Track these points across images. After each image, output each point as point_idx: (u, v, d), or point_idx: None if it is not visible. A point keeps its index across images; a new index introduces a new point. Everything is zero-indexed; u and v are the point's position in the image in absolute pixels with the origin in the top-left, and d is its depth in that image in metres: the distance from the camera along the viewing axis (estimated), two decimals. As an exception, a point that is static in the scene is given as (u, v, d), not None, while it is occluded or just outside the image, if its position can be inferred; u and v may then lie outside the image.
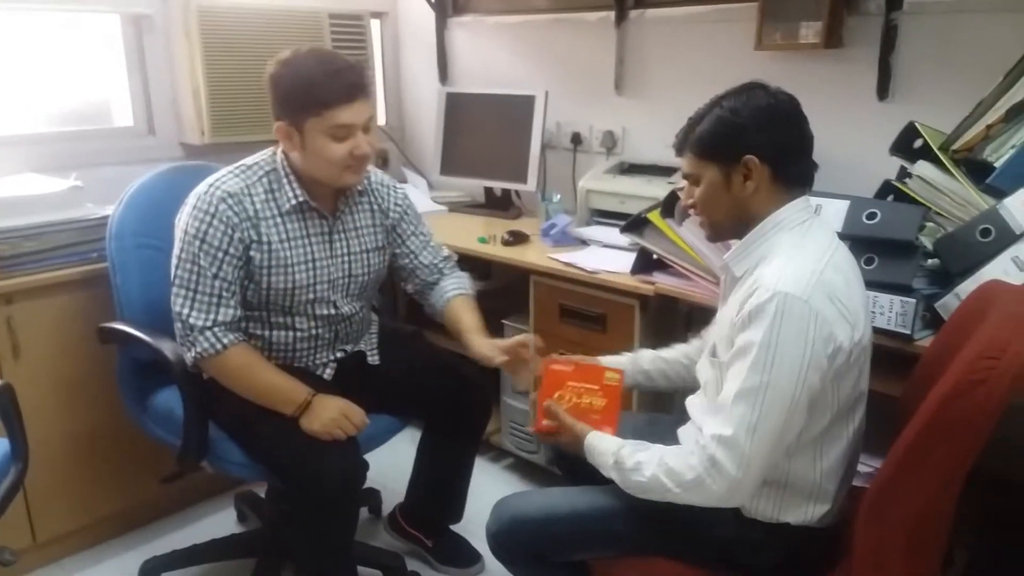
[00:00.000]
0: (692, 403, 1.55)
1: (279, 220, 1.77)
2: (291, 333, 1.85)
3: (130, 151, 2.57)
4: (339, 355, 1.93)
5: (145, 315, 1.92)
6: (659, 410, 2.09)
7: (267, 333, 1.84)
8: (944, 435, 1.13)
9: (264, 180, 1.77)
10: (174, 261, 1.73)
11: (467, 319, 1.92)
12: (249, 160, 1.81)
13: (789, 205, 1.35)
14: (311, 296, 1.82)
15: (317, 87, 1.67)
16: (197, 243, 1.70)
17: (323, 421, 1.69)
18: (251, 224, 1.74)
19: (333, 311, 1.87)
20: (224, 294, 1.72)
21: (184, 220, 1.72)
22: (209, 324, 1.70)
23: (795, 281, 1.24)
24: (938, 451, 1.14)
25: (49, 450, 2.08)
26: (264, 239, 1.75)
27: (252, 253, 1.74)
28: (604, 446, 1.42)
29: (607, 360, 1.70)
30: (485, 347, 1.82)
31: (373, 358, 2.00)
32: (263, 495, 2.19)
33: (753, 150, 1.32)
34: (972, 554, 1.59)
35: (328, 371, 1.90)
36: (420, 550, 2.17)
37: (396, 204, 1.99)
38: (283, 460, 1.72)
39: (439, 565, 2.14)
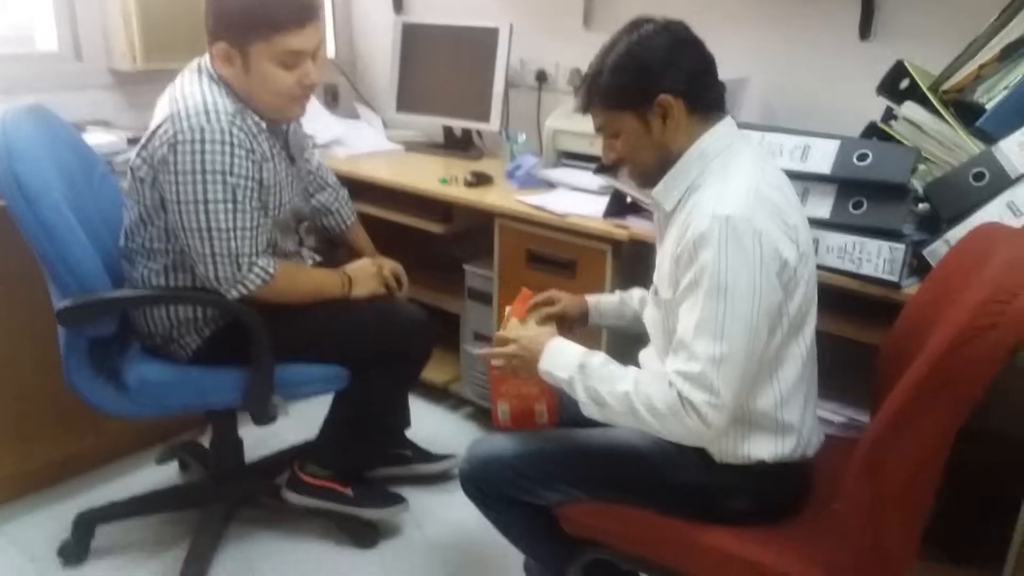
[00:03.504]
0: (646, 356, 1.50)
1: (263, 137, 1.67)
2: (287, 254, 1.83)
3: (55, 78, 2.35)
4: (309, 265, 1.94)
5: (97, 281, 1.63)
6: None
7: None
8: (948, 382, 1.07)
9: (231, 98, 1.63)
10: (196, 207, 1.56)
11: (368, 243, 2.11)
12: (191, 84, 1.62)
13: (710, 132, 1.31)
14: (298, 208, 1.84)
15: (266, 7, 1.55)
16: (225, 178, 1.57)
17: (370, 282, 1.83)
18: (257, 143, 1.63)
19: (299, 221, 1.90)
20: (260, 222, 1.65)
21: (192, 159, 1.55)
22: (255, 259, 1.64)
23: (734, 202, 1.21)
24: (941, 398, 1.09)
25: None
26: (267, 156, 1.67)
27: (264, 173, 1.65)
28: (572, 349, 1.35)
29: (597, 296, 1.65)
30: (388, 266, 1.96)
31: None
32: (207, 444, 2.06)
33: (664, 88, 1.27)
34: (942, 503, 1.59)
35: None
36: (337, 505, 1.93)
37: None
38: (369, 331, 1.78)
39: (365, 511, 1.96)
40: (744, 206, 1.20)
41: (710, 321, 1.19)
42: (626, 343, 2.04)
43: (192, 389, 1.76)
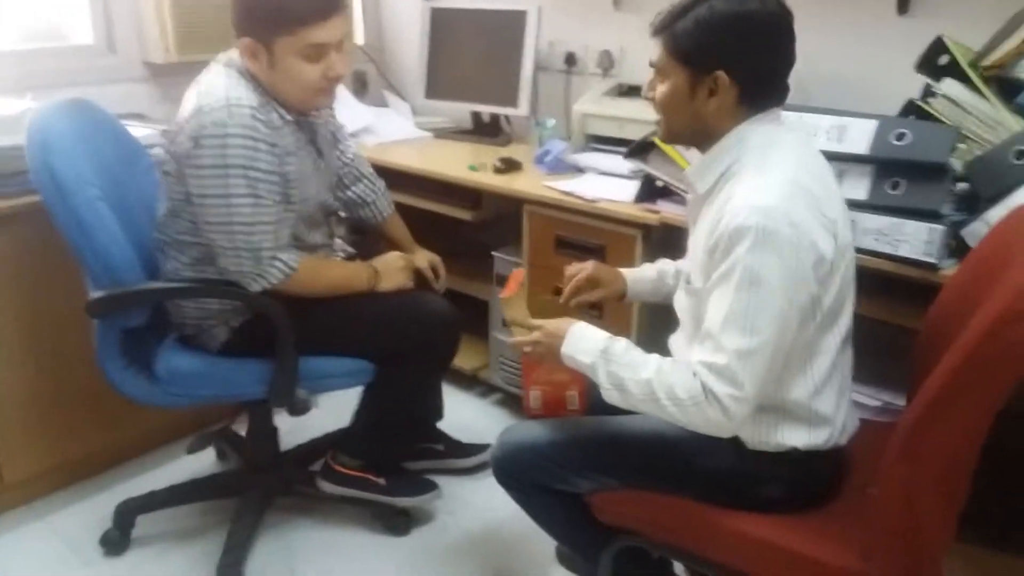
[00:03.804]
0: (676, 341, 1.48)
1: (287, 131, 1.67)
2: (315, 248, 1.82)
3: (90, 71, 2.39)
4: (340, 258, 1.94)
5: (130, 273, 1.67)
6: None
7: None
8: (988, 365, 1.05)
9: (257, 92, 1.63)
10: (218, 201, 1.58)
11: (406, 234, 2.09)
12: (217, 78, 1.63)
13: (755, 119, 1.27)
14: (325, 202, 1.83)
15: (289, 2, 1.54)
16: (247, 172, 1.57)
17: (398, 276, 1.83)
18: (279, 136, 1.63)
19: (328, 213, 1.89)
20: (282, 216, 1.66)
21: (216, 153, 1.56)
22: (276, 253, 1.65)
23: (772, 194, 1.17)
24: (980, 383, 1.07)
25: (15, 389, 1.97)
26: (291, 149, 1.67)
27: (288, 168, 1.65)
28: (594, 334, 1.34)
29: (632, 271, 1.63)
30: (425, 257, 2.02)
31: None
32: (243, 433, 2.09)
33: (726, 66, 1.22)
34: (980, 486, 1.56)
35: None
36: (369, 494, 1.95)
37: None
38: (395, 325, 1.77)
39: (397, 499, 1.98)
40: (782, 198, 1.17)
41: (739, 314, 1.17)
42: (656, 329, 2.04)
43: (220, 380, 1.78)
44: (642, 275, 1.63)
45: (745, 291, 1.16)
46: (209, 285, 1.73)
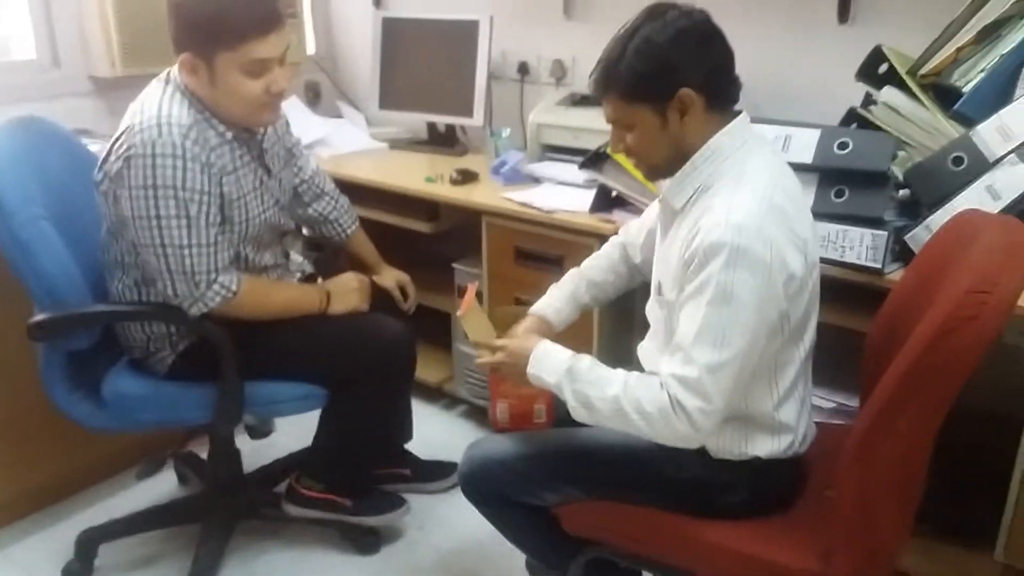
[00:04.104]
0: (645, 350, 1.50)
1: (226, 149, 1.64)
2: (265, 269, 1.79)
3: (34, 87, 2.34)
4: (296, 279, 1.92)
5: (74, 296, 1.64)
6: (619, 361, 2.04)
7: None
8: (933, 372, 1.10)
9: (193, 109, 1.61)
10: (148, 223, 1.54)
11: (372, 252, 2.07)
12: (153, 95, 1.61)
13: (723, 131, 1.28)
14: (273, 221, 1.78)
15: (229, 16, 1.52)
16: (176, 193, 1.53)
17: (350, 298, 1.79)
18: (216, 156, 1.60)
19: (284, 231, 1.86)
20: (219, 238, 1.62)
21: (144, 173, 1.52)
22: (214, 276, 1.60)
23: (746, 212, 1.19)
24: (927, 388, 1.11)
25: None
26: (229, 168, 1.63)
27: (225, 187, 1.62)
28: (559, 353, 1.35)
29: (543, 305, 1.61)
30: (393, 277, 2.02)
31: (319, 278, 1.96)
32: (204, 456, 2.07)
33: (687, 82, 1.23)
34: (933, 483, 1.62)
35: None
36: (336, 515, 1.93)
37: (281, 116, 1.88)
38: (344, 350, 1.73)
39: (365, 518, 1.97)
40: (756, 216, 1.19)
41: (711, 329, 1.19)
42: (618, 337, 2.07)
43: (164, 405, 1.75)
44: (559, 306, 1.61)
45: (717, 306, 1.18)
46: (149, 309, 1.70)
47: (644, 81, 1.24)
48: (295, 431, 2.04)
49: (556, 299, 1.63)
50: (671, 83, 1.23)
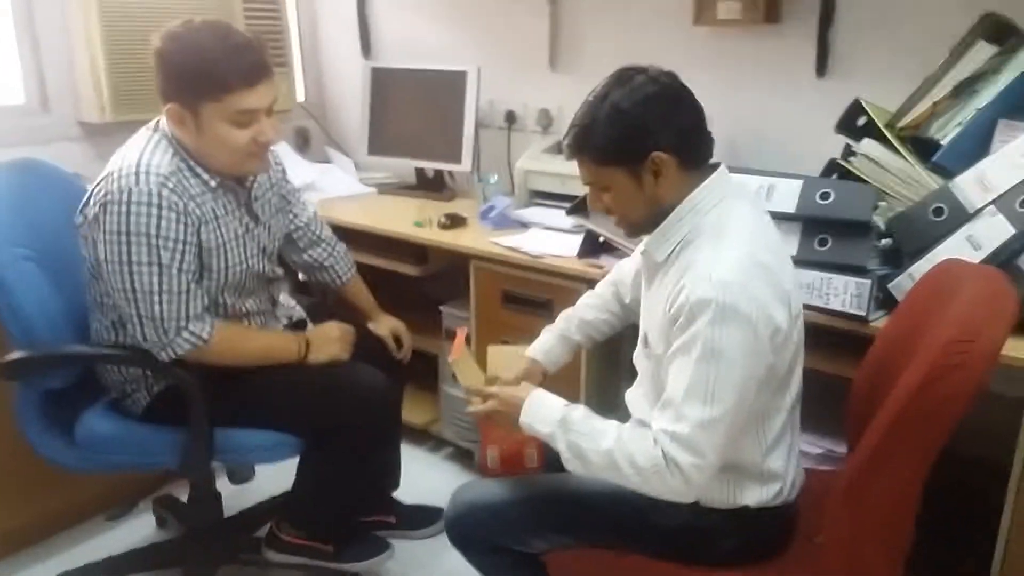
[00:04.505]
0: (633, 396, 1.51)
1: (209, 197, 1.64)
2: (248, 315, 1.78)
3: (22, 131, 2.33)
4: (283, 325, 1.91)
5: (50, 335, 1.66)
6: (606, 406, 2.05)
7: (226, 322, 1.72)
8: (920, 420, 1.12)
9: (177, 158, 1.62)
10: (121, 268, 1.55)
11: (368, 299, 2.08)
12: (138, 142, 1.63)
13: (702, 187, 1.30)
14: (257, 269, 1.76)
15: (215, 68, 1.53)
16: (150, 240, 1.53)
17: (330, 347, 1.77)
18: (196, 204, 1.60)
19: (271, 278, 1.84)
20: (192, 286, 1.60)
21: (119, 220, 1.53)
22: (184, 323, 1.59)
23: (730, 268, 1.21)
24: (914, 436, 1.13)
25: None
26: (209, 217, 1.63)
27: (203, 236, 1.62)
28: (552, 402, 1.36)
29: (535, 347, 1.63)
30: (387, 325, 2.02)
31: (308, 323, 1.95)
32: (184, 499, 2.03)
33: (657, 145, 1.26)
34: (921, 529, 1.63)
35: None
36: (317, 562, 1.89)
37: (276, 163, 1.89)
38: (319, 400, 1.71)
39: (347, 565, 1.93)
40: (740, 272, 1.20)
41: (700, 385, 1.19)
42: (606, 382, 2.08)
43: (135, 447, 1.73)
44: (548, 347, 1.64)
45: (706, 363, 1.19)
46: (120, 352, 1.69)
47: (615, 146, 1.27)
48: (277, 474, 1.99)
49: (546, 340, 1.65)
50: (642, 147, 1.26)
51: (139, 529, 2.18)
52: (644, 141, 1.25)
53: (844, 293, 1.58)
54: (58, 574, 1.88)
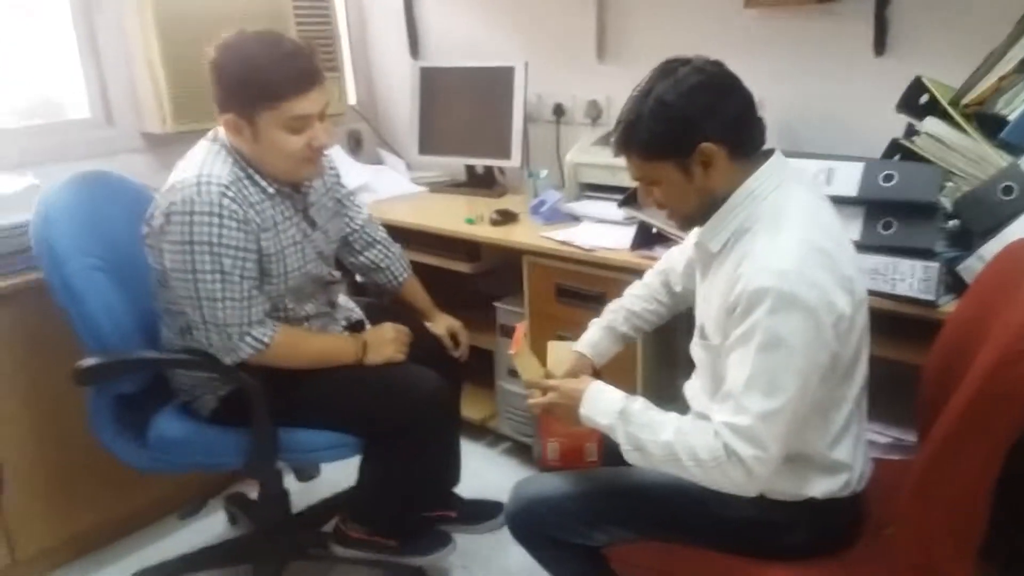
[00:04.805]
0: (691, 388, 1.49)
1: (268, 204, 1.68)
2: (307, 318, 1.81)
3: (88, 144, 2.42)
4: (342, 326, 1.92)
5: (121, 342, 1.72)
6: (663, 398, 2.03)
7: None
8: (994, 405, 1.08)
9: (236, 167, 1.66)
10: (186, 276, 1.60)
11: (424, 299, 2.10)
12: (198, 153, 1.68)
13: (757, 174, 1.27)
14: (315, 274, 1.80)
15: (268, 76, 1.56)
16: (212, 248, 1.58)
17: (386, 348, 1.79)
18: (255, 212, 1.64)
19: (329, 282, 1.87)
20: (254, 292, 1.65)
21: (182, 230, 1.58)
22: (247, 328, 1.64)
23: (788, 256, 1.19)
24: (988, 422, 1.09)
25: (22, 465, 1.97)
26: (268, 224, 1.67)
27: (263, 243, 1.66)
28: (612, 394, 1.35)
29: (586, 340, 1.62)
30: (444, 324, 2.05)
31: (367, 324, 1.97)
32: (254, 496, 2.08)
33: (705, 136, 1.23)
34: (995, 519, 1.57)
35: None
36: (383, 555, 1.93)
37: (331, 168, 1.92)
38: (374, 402, 1.73)
39: (411, 559, 1.95)
40: (798, 259, 1.18)
41: (761, 376, 1.18)
42: (662, 375, 2.06)
43: (203, 448, 1.77)
44: (596, 339, 1.62)
45: (766, 353, 1.17)
46: (186, 357, 1.73)
47: (662, 140, 1.25)
48: (342, 471, 2.04)
49: (593, 333, 1.64)
50: (689, 139, 1.24)
51: (211, 527, 2.24)
52: (691, 133, 1.24)
53: (911, 277, 1.53)
54: (134, 572, 1.95)
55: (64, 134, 2.41)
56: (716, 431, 1.21)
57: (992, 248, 1.46)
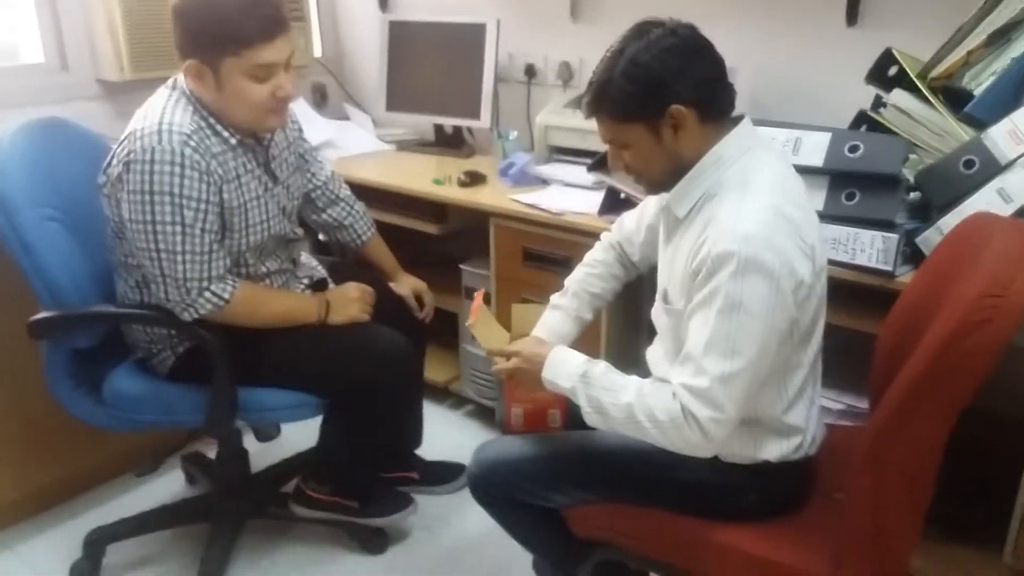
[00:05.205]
0: (653, 354, 1.50)
1: (229, 156, 1.64)
2: (268, 275, 1.78)
3: (42, 90, 2.33)
4: (304, 285, 1.89)
5: (76, 295, 1.68)
6: (627, 363, 2.04)
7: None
8: (946, 376, 1.09)
9: (197, 116, 1.61)
10: (144, 227, 1.55)
11: (389, 258, 2.08)
12: (158, 101, 1.62)
13: (725, 139, 1.27)
14: (277, 230, 1.76)
15: (233, 23, 1.52)
16: (173, 199, 1.54)
17: (349, 307, 1.77)
18: (217, 163, 1.60)
19: (291, 239, 1.83)
20: (215, 246, 1.61)
21: (142, 179, 1.53)
22: (206, 283, 1.60)
23: (753, 221, 1.19)
24: (940, 392, 1.11)
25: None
26: (231, 176, 1.63)
27: (225, 195, 1.62)
28: (574, 358, 1.36)
29: (551, 327, 1.57)
30: (409, 285, 2.03)
31: (330, 282, 1.95)
32: (213, 456, 2.07)
33: (676, 98, 1.23)
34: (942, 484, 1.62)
35: None
36: (343, 516, 1.94)
37: (292, 122, 1.88)
38: (337, 362, 1.71)
39: (371, 520, 1.97)
40: (763, 225, 1.19)
41: (721, 339, 1.19)
42: (626, 341, 2.07)
43: (162, 406, 1.75)
44: (562, 328, 1.58)
45: (727, 316, 1.18)
46: (143, 312, 1.71)
47: (633, 101, 1.24)
48: (303, 430, 2.03)
49: (556, 321, 1.59)
50: (660, 101, 1.23)
51: (168, 485, 2.23)
52: (662, 95, 1.23)
53: (871, 248, 1.55)
54: (91, 529, 1.93)
55: (16, 79, 2.33)
56: (674, 392, 1.22)
57: (951, 221, 1.48)
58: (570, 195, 2.15)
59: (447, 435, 2.40)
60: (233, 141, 1.64)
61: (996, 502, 1.59)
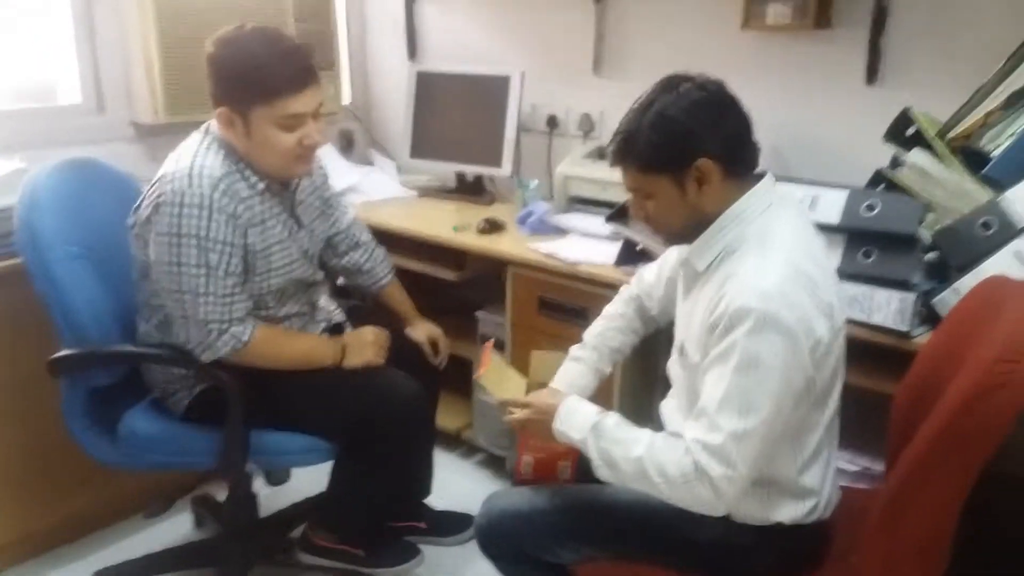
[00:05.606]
0: (667, 407, 1.49)
1: (257, 200, 1.67)
2: (287, 318, 1.80)
3: (78, 131, 2.39)
4: (321, 328, 1.91)
5: (98, 333, 1.70)
6: (640, 417, 2.02)
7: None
8: (961, 440, 1.08)
9: (228, 161, 1.65)
10: (170, 269, 1.59)
11: (406, 303, 2.08)
12: (191, 145, 1.67)
13: (747, 195, 1.28)
14: (299, 273, 1.79)
15: (264, 73, 1.56)
16: (200, 242, 1.57)
17: (364, 351, 1.77)
18: (245, 207, 1.64)
19: (311, 282, 1.86)
20: (236, 289, 1.64)
21: (171, 221, 1.57)
22: (227, 325, 1.63)
23: (773, 278, 1.19)
24: (955, 456, 1.09)
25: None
26: (256, 220, 1.66)
27: (250, 239, 1.65)
28: (586, 409, 1.35)
29: (569, 379, 1.57)
30: (425, 330, 2.03)
31: (348, 326, 1.96)
32: (222, 498, 2.06)
33: (703, 152, 1.24)
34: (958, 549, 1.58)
35: None
36: (350, 564, 1.91)
37: (319, 167, 1.90)
38: (351, 406, 1.71)
39: (378, 570, 1.94)
40: (782, 283, 1.19)
41: (736, 396, 1.18)
42: (640, 394, 2.05)
43: (174, 446, 1.76)
44: (580, 381, 1.58)
45: (743, 373, 1.17)
46: (162, 352, 1.72)
47: (660, 153, 1.25)
48: (313, 476, 2.02)
49: (576, 373, 1.59)
50: (687, 154, 1.24)
51: (176, 528, 2.21)
52: (689, 148, 1.24)
53: (887, 307, 1.54)
54: (96, 571, 1.92)
55: (54, 119, 2.39)
56: (687, 448, 1.21)
57: (968, 282, 1.47)
58: (587, 245, 2.16)
59: (457, 484, 2.37)
60: (261, 186, 1.68)
61: (1013, 568, 1.53)
